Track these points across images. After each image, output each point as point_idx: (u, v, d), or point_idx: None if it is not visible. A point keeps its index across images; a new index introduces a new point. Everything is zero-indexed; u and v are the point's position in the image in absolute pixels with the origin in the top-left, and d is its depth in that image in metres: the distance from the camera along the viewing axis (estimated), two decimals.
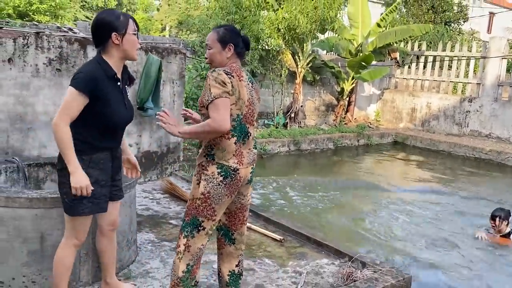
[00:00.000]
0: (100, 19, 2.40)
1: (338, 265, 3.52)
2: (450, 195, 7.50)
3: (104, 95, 2.38)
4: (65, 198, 2.45)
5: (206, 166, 2.49)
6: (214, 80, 2.37)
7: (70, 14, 13.64)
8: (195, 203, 2.50)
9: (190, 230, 2.52)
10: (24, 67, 4.47)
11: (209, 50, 2.57)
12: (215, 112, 2.35)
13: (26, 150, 4.60)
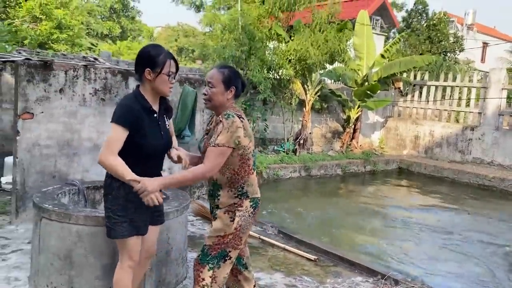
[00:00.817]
0: (141, 53, 2.52)
1: (372, 283, 3.81)
2: (460, 215, 7.82)
3: (141, 127, 2.45)
4: (107, 222, 2.57)
5: (240, 203, 2.58)
6: (228, 128, 2.45)
7: (86, 42, 14.15)
8: (227, 239, 2.55)
9: (216, 262, 2.56)
10: (73, 96, 4.83)
11: (212, 89, 2.57)
12: (209, 159, 2.45)
13: (71, 174, 4.91)
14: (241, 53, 10.21)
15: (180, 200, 3.61)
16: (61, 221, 3.07)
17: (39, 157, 4.69)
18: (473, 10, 36.99)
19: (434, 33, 24.02)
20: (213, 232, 2.59)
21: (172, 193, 3.76)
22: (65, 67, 4.75)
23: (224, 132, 2.45)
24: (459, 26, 35.76)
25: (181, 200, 3.61)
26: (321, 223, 6.93)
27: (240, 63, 10.40)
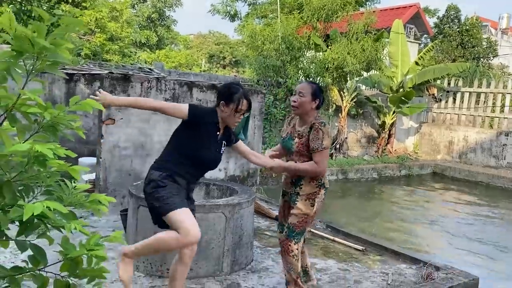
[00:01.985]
0: (223, 86, 3.03)
1: (416, 269, 4.31)
2: (492, 218, 8.16)
3: (200, 130, 2.82)
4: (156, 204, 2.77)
5: (318, 192, 3.23)
6: (327, 133, 3.12)
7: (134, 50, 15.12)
8: (308, 219, 3.21)
9: (299, 238, 3.22)
10: None
11: (302, 98, 3.13)
12: (321, 160, 3.10)
13: (144, 172, 5.58)
14: (281, 62, 10.83)
15: (248, 193, 4.21)
16: None
17: (118, 158, 5.40)
18: (507, 14, 36.43)
19: (466, 38, 24.00)
20: (298, 214, 3.21)
21: (240, 188, 4.38)
22: (141, 79, 5.47)
23: (326, 137, 3.11)
24: (493, 30, 35.32)
25: (249, 193, 4.22)
26: (359, 221, 7.43)
27: (279, 72, 11.02)
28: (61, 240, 1.63)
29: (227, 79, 10.97)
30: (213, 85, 6.01)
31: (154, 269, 3.73)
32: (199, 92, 5.88)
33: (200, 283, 3.65)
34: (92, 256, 1.68)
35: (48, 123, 1.73)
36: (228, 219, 3.80)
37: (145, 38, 29.12)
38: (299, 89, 3.21)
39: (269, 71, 10.89)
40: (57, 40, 1.61)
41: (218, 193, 4.57)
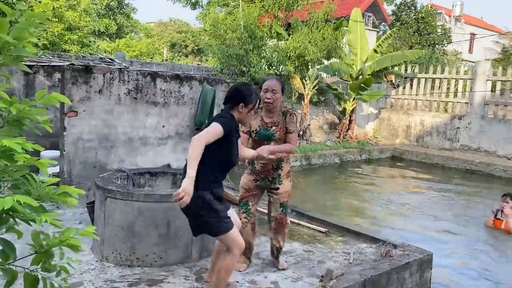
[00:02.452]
0: (238, 89, 3.15)
1: (375, 248, 4.56)
2: (447, 196, 8.64)
3: (230, 138, 3.04)
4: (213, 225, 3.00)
5: (290, 169, 3.86)
6: (297, 118, 3.72)
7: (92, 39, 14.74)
8: (290, 194, 3.88)
9: (287, 211, 3.95)
10: (110, 96, 5.51)
11: (276, 95, 3.59)
12: (296, 139, 3.74)
13: (109, 164, 5.60)
14: (244, 51, 10.90)
15: None
16: (124, 199, 3.77)
17: (82, 150, 5.37)
18: (460, 1, 37.74)
19: (422, 25, 24.75)
20: (286, 193, 3.82)
21: None
22: (103, 71, 5.43)
23: (296, 122, 3.73)
24: (447, 17, 36.57)
25: None
26: (323, 204, 7.70)
27: (243, 61, 11.09)
28: (32, 233, 1.65)
29: (190, 68, 10.96)
30: (177, 75, 6.03)
31: (123, 258, 3.79)
32: (163, 83, 5.90)
33: (169, 270, 3.75)
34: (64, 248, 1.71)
35: (14, 118, 1.77)
36: None
37: (104, 27, 28.30)
38: (272, 87, 3.60)
39: (232, 60, 10.94)
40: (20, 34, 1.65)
41: None
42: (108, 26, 28.36)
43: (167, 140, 5.98)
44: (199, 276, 3.69)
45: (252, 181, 3.82)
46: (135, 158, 5.75)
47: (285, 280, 3.73)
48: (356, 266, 4.04)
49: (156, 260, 3.79)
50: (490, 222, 6.61)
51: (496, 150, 12.19)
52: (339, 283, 3.55)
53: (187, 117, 6.13)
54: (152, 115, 5.82)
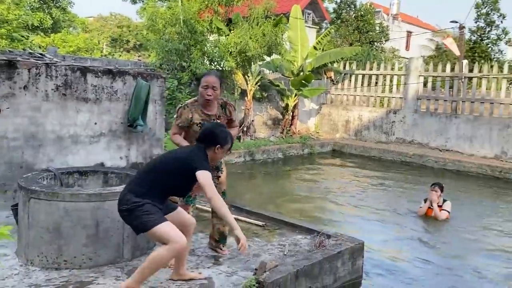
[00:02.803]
0: (216, 133, 3.31)
1: (310, 239, 4.67)
2: (385, 187, 9.02)
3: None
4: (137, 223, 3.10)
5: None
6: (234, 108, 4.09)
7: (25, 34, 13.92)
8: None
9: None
10: (36, 92, 5.23)
11: (216, 91, 3.81)
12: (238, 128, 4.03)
13: (37, 164, 5.31)
14: (184, 46, 10.75)
15: None
16: (49, 199, 3.60)
17: (7, 149, 5.05)
18: (397, 0, 39.40)
19: (362, 23, 25.63)
20: (225, 180, 4.20)
21: None
22: (28, 66, 5.13)
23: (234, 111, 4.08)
24: (385, 16, 38.09)
25: None
26: (265, 199, 7.79)
27: (182, 56, 10.95)
28: None
29: (127, 64, 10.64)
30: (109, 70, 5.83)
31: (50, 261, 3.62)
32: (94, 78, 5.67)
33: (100, 271, 3.63)
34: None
35: None
36: None
37: (38, 21, 26.89)
38: (213, 84, 3.78)
39: (172, 55, 10.76)
40: None
41: (117, 181, 4.51)
42: (43, 20, 26.97)
43: (99, 138, 5.76)
44: (131, 276, 3.60)
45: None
46: (65, 157, 5.49)
47: (219, 275, 3.73)
48: (290, 258, 4.11)
49: (85, 262, 3.66)
50: (423, 211, 6.92)
51: (429, 142, 12.87)
52: (272, 275, 3.60)
53: (121, 114, 5.94)
54: (83, 112, 5.58)
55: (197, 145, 3.35)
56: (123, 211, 3.16)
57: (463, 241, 6.11)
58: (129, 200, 3.11)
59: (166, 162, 3.30)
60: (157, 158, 3.55)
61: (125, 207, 3.12)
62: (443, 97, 12.93)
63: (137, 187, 3.15)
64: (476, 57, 22.94)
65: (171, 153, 3.42)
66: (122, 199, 3.16)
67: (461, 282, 4.79)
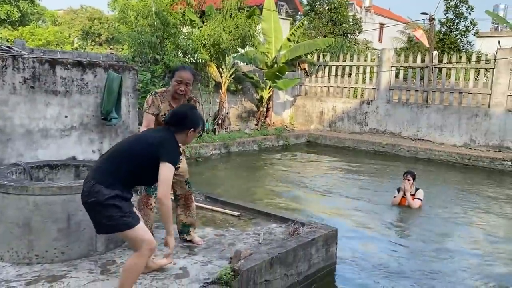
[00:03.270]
0: (189, 116, 3.12)
1: (285, 227, 4.72)
2: (356, 176, 9.18)
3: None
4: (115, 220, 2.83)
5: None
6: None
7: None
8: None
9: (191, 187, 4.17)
10: (3, 85, 5.08)
11: (188, 87, 3.85)
12: None
13: (6, 159, 5.18)
14: (156, 38, 10.62)
15: None
16: (18, 193, 3.52)
17: None
18: None
19: (335, 16, 25.83)
20: (186, 170, 4.08)
21: None
22: None
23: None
24: (358, 8, 38.48)
25: None
26: (241, 190, 7.82)
27: (156, 48, 10.82)
28: None
29: (99, 57, 10.45)
30: (79, 62, 5.72)
31: (20, 256, 3.56)
32: (63, 70, 5.54)
33: (72, 264, 3.59)
34: None
35: None
36: None
37: (5, 14, 26.11)
38: (187, 80, 3.79)
39: (144, 48, 10.62)
40: None
41: None
42: (10, 13, 26.18)
43: (70, 131, 5.66)
44: (105, 269, 3.57)
45: None
46: (35, 151, 5.37)
47: (194, 265, 3.74)
48: (265, 246, 4.15)
49: (58, 256, 3.61)
50: (397, 201, 7.00)
51: (401, 132, 13.13)
52: (247, 262, 3.63)
53: (92, 107, 5.84)
54: (52, 105, 5.46)
55: (166, 129, 3.10)
56: (92, 204, 2.84)
57: (435, 227, 6.28)
58: (99, 192, 2.78)
59: (133, 147, 2.99)
60: (122, 143, 3.18)
61: (93, 199, 2.81)
62: (415, 88, 13.19)
63: (104, 177, 2.84)
64: (445, 48, 23.45)
65: (139, 138, 3.11)
66: (90, 191, 2.82)
67: (433, 266, 4.93)
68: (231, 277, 3.42)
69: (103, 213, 2.82)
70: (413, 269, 4.82)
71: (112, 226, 2.85)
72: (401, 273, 4.71)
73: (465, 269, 4.89)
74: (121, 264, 3.66)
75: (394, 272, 4.73)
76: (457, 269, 4.89)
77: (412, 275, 4.64)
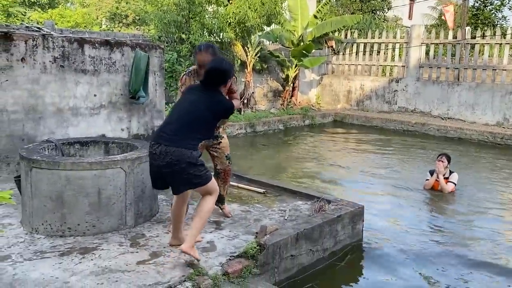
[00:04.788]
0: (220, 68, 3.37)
1: (310, 204, 4.72)
2: (388, 157, 9.04)
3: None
4: (202, 176, 3.21)
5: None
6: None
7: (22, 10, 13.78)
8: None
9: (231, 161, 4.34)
10: (34, 64, 5.22)
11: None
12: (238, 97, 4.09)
13: (38, 136, 5.34)
14: (182, 17, 10.62)
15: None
16: (50, 168, 3.64)
17: (8, 123, 5.09)
18: None
19: None
20: (227, 145, 4.25)
21: (141, 144, 4.40)
22: (25, 37, 5.10)
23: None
24: None
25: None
26: (266, 168, 7.83)
27: (181, 28, 10.82)
28: None
29: (125, 37, 10.55)
30: (107, 41, 5.79)
31: (54, 229, 3.69)
32: (92, 49, 5.63)
33: (103, 237, 3.70)
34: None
35: None
36: (127, 174, 3.83)
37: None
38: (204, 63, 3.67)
39: (170, 27, 10.64)
40: None
41: (118, 151, 4.54)
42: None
43: (99, 109, 5.77)
44: (135, 242, 3.67)
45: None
46: (66, 129, 5.52)
47: (221, 239, 3.79)
48: (290, 222, 4.17)
49: (89, 229, 3.73)
50: (430, 185, 6.61)
51: (431, 110, 12.81)
52: (272, 237, 3.66)
53: (120, 85, 5.93)
54: (82, 84, 5.58)
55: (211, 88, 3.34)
56: (183, 167, 3.11)
57: (466, 209, 6.06)
58: (191, 156, 3.12)
59: (198, 108, 3.25)
60: (185, 106, 3.34)
61: (187, 162, 3.10)
62: (445, 65, 12.79)
63: (186, 141, 3.15)
64: (479, 24, 22.55)
65: (197, 101, 3.30)
66: (180, 157, 3.09)
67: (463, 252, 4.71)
68: (257, 251, 3.46)
69: (194, 172, 3.15)
70: (441, 254, 4.60)
71: (202, 181, 3.20)
72: (429, 256, 4.51)
73: (496, 255, 4.64)
74: (150, 237, 3.76)
75: (421, 254, 4.54)
76: (487, 254, 4.63)
77: (439, 260, 4.46)
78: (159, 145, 3.17)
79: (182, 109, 3.32)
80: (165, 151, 3.12)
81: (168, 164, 3.12)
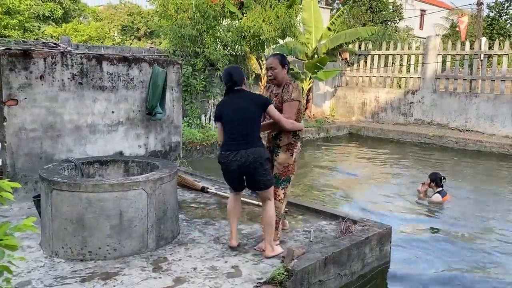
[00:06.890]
0: (239, 71, 3.74)
1: (335, 224, 4.56)
2: (406, 169, 8.84)
3: None
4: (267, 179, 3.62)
5: (295, 143, 3.87)
6: (296, 87, 3.79)
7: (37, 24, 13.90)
8: (290, 167, 3.88)
9: (285, 184, 3.89)
10: (52, 82, 5.16)
11: (274, 71, 3.81)
12: (289, 109, 3.73)
13: (56, 154, 5.28)
14: (197, 31, 10.59)
15: (170, 167, 4.15)
16: (71, 190, 3.54)
17: (26, 141, 5.02)
18: None
19: (374, 2, 25.07)
20: (280, 164, 3.86)
21: (161, 163, 4.30)
22: (44, 55, 5.06)
23: (295, 91, 3.76)
24: None
25: (170, 167, 4.15)
26: None
27: (196, 42, 10.79)
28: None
29: (140, 51, 10.54)
30: (124, 58, 5.73)
31: (74, 253, 3.58)
32: (110, 66, 5.58)
33: (125, 261, 3.58)
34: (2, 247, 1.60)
35: None
36: (149, 195, 3.73)
37: (49, 11, 26.87)
38: (269, 65, 3.82)
39: (185, 41, 10.61)
40: None
41: (138, 170, 4.45)
42: (54, 10, 26.91)
43: (117, 126, 5.70)
44: (157, 266, 3.54)
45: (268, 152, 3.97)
46: (84, 147, 5.45)
47: (246, 264, 3.65)
48: (317, 244, 4.02)
49: (110, 252, 3.61)
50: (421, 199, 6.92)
51: (448, 122, 12.60)
52: (300, 262, 3.51)
53: (138, 102, 5.86)
54: (100, 101, 5.52)
55: (242, 89, 3.67)
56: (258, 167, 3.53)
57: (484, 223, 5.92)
58: (262, 155, 3.54)
59: (249, 110, 3.57)
60: (234, 115, 3.61)
61: (260, 161, 3.52)
62: (462, 76, 12.60)
63: (254, 142, 3.54)
64: (494, 34, 22.32)
65: (245, 103, 3.59)
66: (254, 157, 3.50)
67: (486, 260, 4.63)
68: (285, 277, 3.31)
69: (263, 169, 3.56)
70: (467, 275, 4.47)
71: (270, 180, 3.63)
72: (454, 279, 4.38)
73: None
74: (173, 261, 3.63)
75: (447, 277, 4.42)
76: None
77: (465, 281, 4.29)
78: (237, 151, 3.51)
79: (232, 119, 3.61)
80: (245, 154, 3.49)
81: (252, 162, 3.49)
